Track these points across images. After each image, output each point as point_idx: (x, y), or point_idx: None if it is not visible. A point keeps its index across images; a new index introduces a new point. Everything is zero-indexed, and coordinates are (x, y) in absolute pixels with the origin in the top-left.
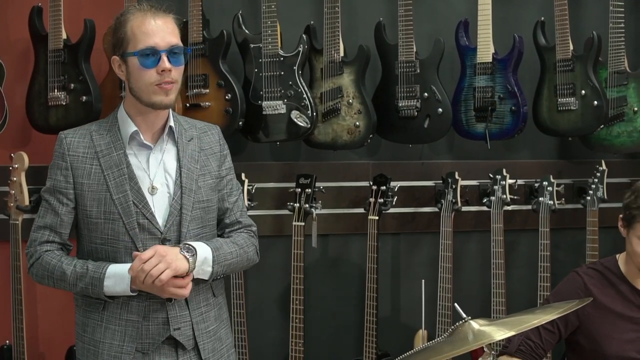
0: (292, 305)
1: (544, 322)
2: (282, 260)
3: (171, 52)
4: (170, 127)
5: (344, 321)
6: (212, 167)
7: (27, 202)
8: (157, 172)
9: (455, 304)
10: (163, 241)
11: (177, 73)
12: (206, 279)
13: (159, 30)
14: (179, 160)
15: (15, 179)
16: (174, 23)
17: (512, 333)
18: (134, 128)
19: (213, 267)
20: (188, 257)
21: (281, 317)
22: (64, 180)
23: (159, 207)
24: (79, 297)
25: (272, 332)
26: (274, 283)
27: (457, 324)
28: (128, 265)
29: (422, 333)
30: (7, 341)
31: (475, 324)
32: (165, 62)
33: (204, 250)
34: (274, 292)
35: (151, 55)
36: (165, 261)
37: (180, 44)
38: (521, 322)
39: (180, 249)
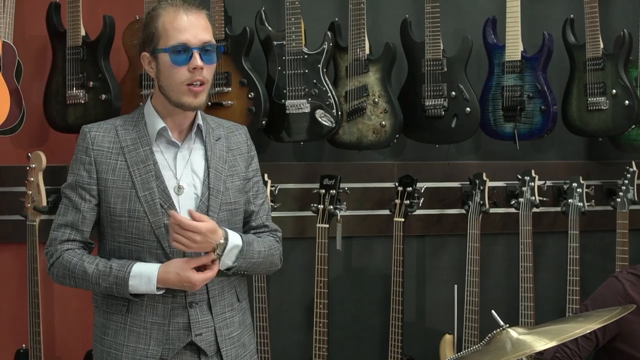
0: (316, 309)
1: (587, 332)
2: (305, 263)
3: (203, 50)
4: (199, 125)
5: (368, 325)
6: (240, 168)
7: (44, 203)
8: (184, 172)
9: (493, 311)
10: None
11: (208, 72)
12: (222, 269)
13: (191, 27)
14: (207, 160)
15: (32, 179)
16: (207, 19)
17: (553, 343)
18: (163, 124)
19: (237, 260)
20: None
21: (304, 321)
22: (87, 176)
23: (185, 208)
24: (99, 299)
25: (294, 336)
26: (296, 286)
27: (494, 332)
28: (154, 265)
29: (449, 338)
30: (24, 345)
31: (514, 333)
32: (197, 60)
33: (235, 239)
34: (296, 295)
35: (183, 52)
36: (191, 247)
37: (213, 41)
38: (563, 331)
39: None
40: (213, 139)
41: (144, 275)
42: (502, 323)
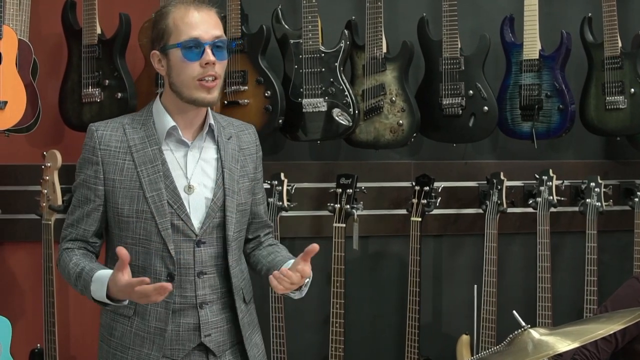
0: (332, 309)
1: (610, 333)
2: (321, 262)
3: (215, 45)
4: (210, 124)
5: (385, 325)
6: (249, 168)
7: (59, 202)
8: (194, 171)
9: (514, 312)
10: (198, 244)
11: (220, 67)
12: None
13: (203, 22)
14: (220, 160)
15: (47, 177)
16: (217, 16)
17: (576, 344)
18: (172, 123)
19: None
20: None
21: (320, 321)
22: (94, 176)
23: (195, 208)
24: None
25: (310, 336)
26: (312, 286)
27: (515, 332)
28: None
29: (465, 338)
30: (39, 344)
31: (536, 333)
32: (209, 55)
33: None
34: (312, 294)
35: (194, 47)
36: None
37: (224, 37)
38: (585, 332)
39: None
40: (225, 138)
41: (101, 279)
42: (523, 323)
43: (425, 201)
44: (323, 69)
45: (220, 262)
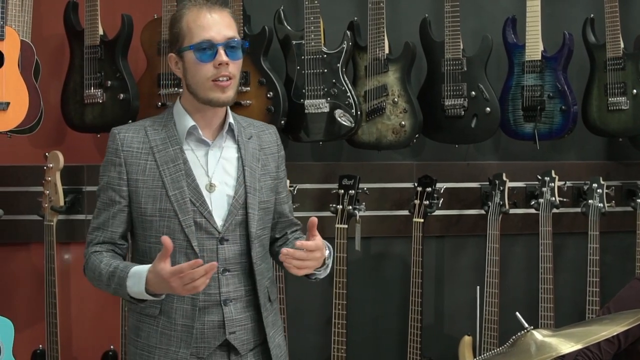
0: (335, 310)
1: (614, 334)
2: None
3: (228, 46)
4: (230, 124)
5: (387, 326)
6: (271, 167)
7: (62, 203)
8: (215, 169)
9: (517, 313)
10: (221, 241)
11: (234, 67)
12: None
13: (215, 24)
14: (241, 158)
15: (49, 178)
16: (231, 17)
17: (579, 346)
18: (192, 123)
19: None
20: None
21: (322, 322)
22: (117, 177)
23: (217, 205)
24: None
25: (312, 337)
26: (315, 287)
27: (518, 334)
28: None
29: (468, 339)
30: (40, 345)
31: (539, 335)
32: (222, 56)
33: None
34: (315, 296)
35: (207, 48)
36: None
37: (238, 37)
38: (588, 333)
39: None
40: (245, 137)
41: (138, 274)
42: (526, 325)
43: (427, 202)
44: (325, 70)
45: (244, 260)
